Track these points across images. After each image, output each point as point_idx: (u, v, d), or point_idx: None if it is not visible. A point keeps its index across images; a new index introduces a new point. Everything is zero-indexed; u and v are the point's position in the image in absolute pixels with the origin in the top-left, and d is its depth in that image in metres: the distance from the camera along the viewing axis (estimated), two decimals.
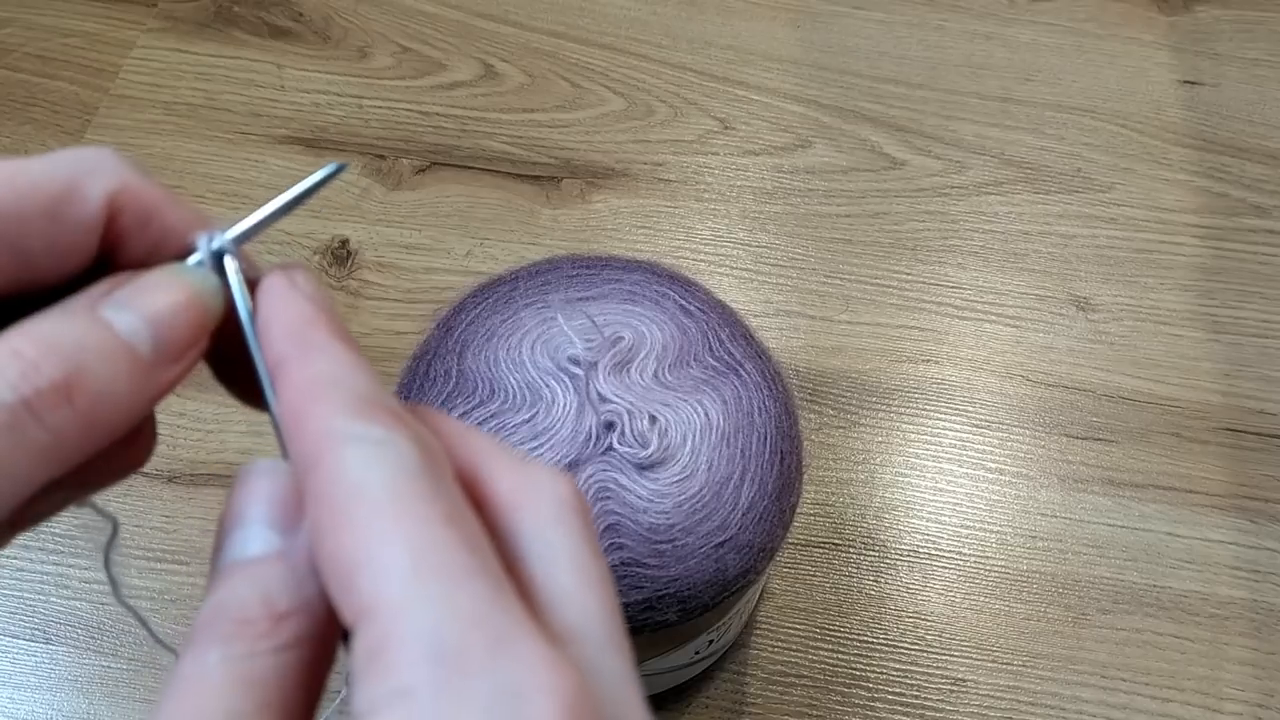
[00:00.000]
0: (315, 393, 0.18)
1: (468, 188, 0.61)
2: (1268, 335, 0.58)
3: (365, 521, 0.17)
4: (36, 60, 0.65)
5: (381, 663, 0.15)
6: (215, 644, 0.17)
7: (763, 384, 0.39)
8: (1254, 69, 0.68)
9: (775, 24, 0.69)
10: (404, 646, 0.15)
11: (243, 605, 0.17)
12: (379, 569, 0.16)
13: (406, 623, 0.16)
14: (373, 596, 0.16)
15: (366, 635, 0.16)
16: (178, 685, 0.17)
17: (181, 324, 0.19)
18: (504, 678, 0.15)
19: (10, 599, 0.48)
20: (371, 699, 0.15)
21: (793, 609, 0.49)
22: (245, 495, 0.19)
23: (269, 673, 0.17)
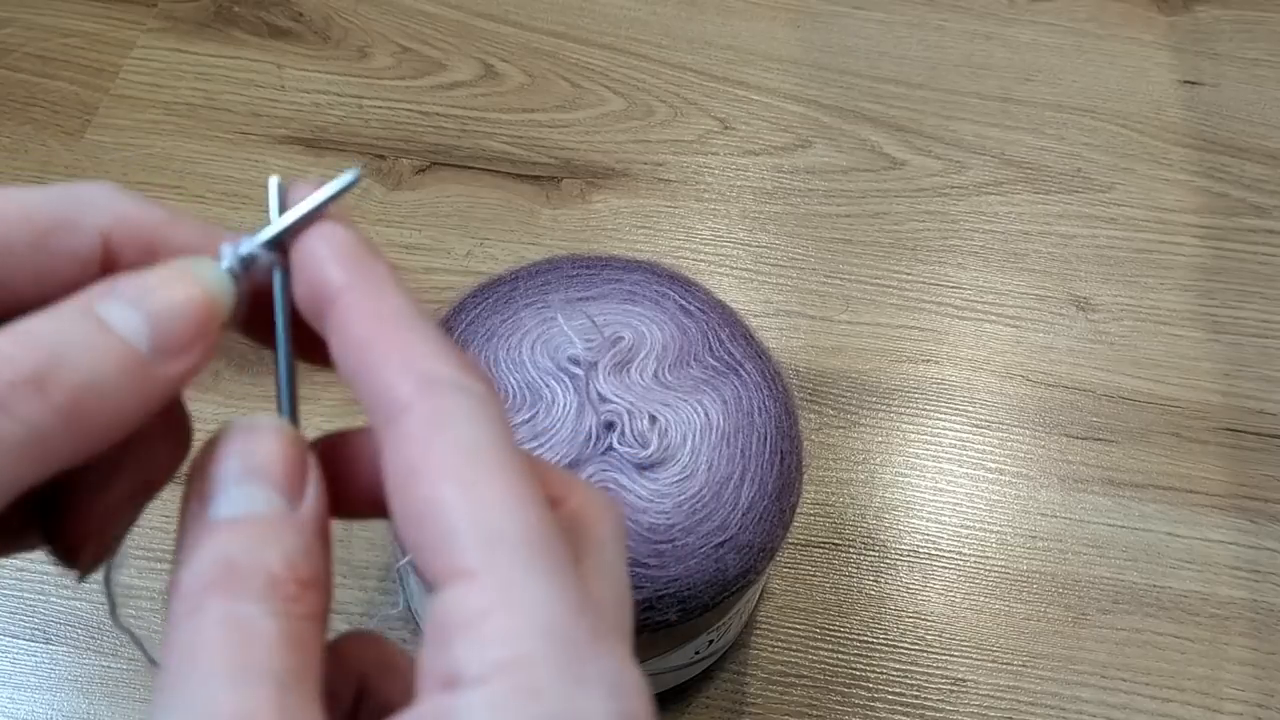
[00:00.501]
0: (399, 326, 0.18)
1: (468, 188, 0.61)
2: (1268, 335, 0.58)
3: (476, 479, 0.16)
4: (36, 60, 0.65)
5: (494, 628, 0.15)
6: (248, 597, 0.16)
7: (763, 384, 0.39)
8: (1254, 69, 0.68)
9: (775, 24, 0.69)
10: (521, 617, 0.15)
11: (264, 562, 0.17)
12: (490, 533, 0.16)
13: (523, 594, 0.16)
14: (477, 559, 0.16)
15: (469, 596, 0.16)
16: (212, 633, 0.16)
17: (185, 317, 0.18)
18: (608, 669, 0.16)
19: (10, 599, 0.48)
20: (480, 662, 0.15)
21: (793, 609, 0.49)
22: (247, 449, 0.18)
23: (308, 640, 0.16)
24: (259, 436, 0.18)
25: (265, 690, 0.15)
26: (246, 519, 0.17)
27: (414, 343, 0.17)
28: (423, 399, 0.17)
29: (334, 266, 0.18)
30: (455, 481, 0.16)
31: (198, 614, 0.16)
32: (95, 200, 0.19)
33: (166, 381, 0.18)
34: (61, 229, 0.18)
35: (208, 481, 0.18)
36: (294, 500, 0.18)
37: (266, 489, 0.18)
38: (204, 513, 0.18)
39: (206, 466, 0.18)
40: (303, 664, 0.16)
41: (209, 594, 0.16)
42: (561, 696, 0.15)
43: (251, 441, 0.18)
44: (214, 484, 0.18)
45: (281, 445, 0.18)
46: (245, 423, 0.19)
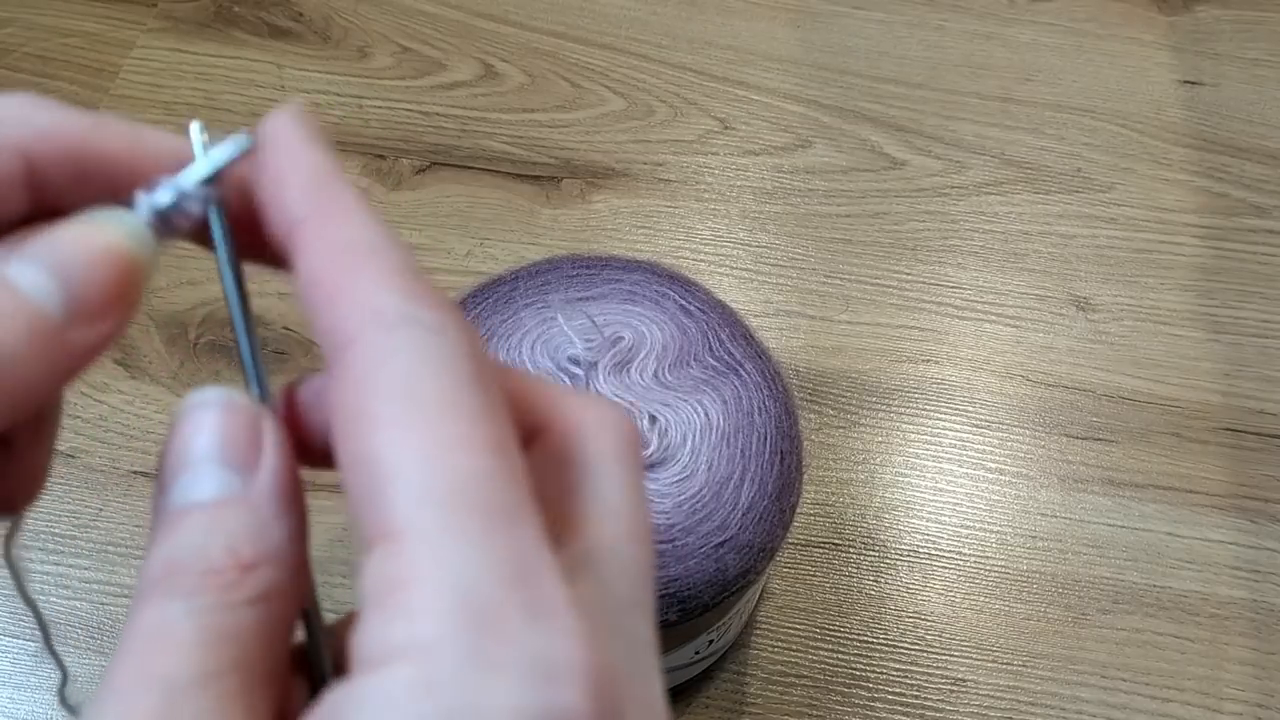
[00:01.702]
0: (354, 259, 0.16)
1: (468, 188, 0.61)
2: (1268, 335, 0.58)
3: (409, 426, 0.15)
4: (36, 60, 0.65)
5: (401, 600, 0.14)
6: (177, 597, 0.15)
7: (763, 384, 0.39)
8: (1254, 69, 0.68)
9: (775, 24, 0.69)
10: (432, 589, 0.14)
11: (205, 554, 0.15)
12: (415, 489, 0.14)
13: (439, 561, 0.14)
14: (404, 518, 0.14)
15: (388, 562, 0.14)
16: (136, 642, 0.15)
17: (100, 279, 0.17)
18: (537, 649, 0.14)
19: (10, 599, 0.48)
20: (385, 642, 0.14)
21: (793, 609, 0.49)
22: (193, 430, 0.17)
23: (240, 628, 0.15)
24: (203, 414, 0.17)
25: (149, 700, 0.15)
26: (194, 506, 0.16)
27: (367, 275, 0.16)
28: (364, 335, 0.15)
29: (294, 194, 0.17)
30: (386, 428, 0.15)
31: (132, 619, 0.15)
32: (11, 116, 0.18)
33: (83, 348, 0.16)
34: None
35: (165, 468, 0.17)
36: (247, 473, 0.16)
37: (214, 469, 0.16)
38: (162, 504, 0.17)
39: (165, 451, 0.17)
40: (225, 655, 0.15)
41: (148, 597, 0.15)
42: (459, 689, 0.13)
43: (196, 422, 0.17)
44: (166, 473, 0.17)
45: (228, 418, 0.17)
46: (190, 402, 0.17)
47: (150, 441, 0.52)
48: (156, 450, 0.56)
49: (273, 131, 0.18)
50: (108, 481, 0.51)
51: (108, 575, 0.49)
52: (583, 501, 0.17)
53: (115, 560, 0.49)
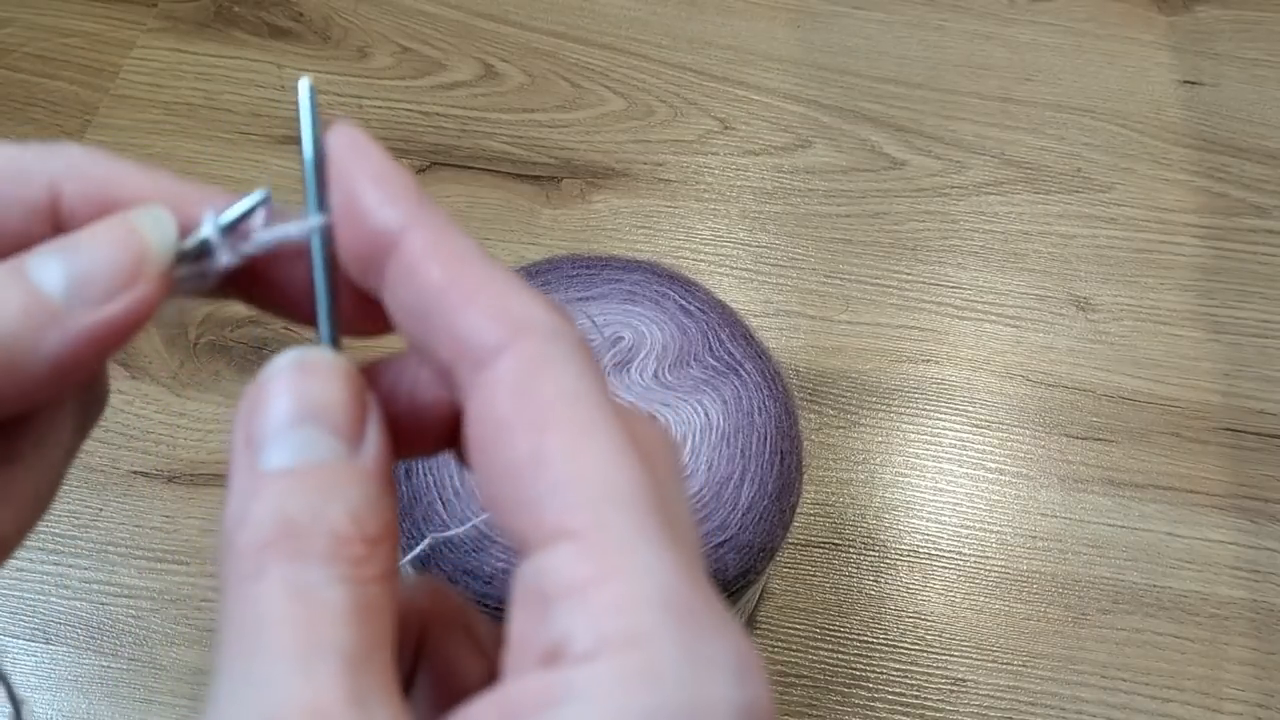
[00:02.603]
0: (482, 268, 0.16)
1: (468, 188, 0.61)
2: (1268, 335, 0.58)
3: (585, 431, 0.15)
4: (36, 60, 0.65)
5: (606, 598, 0.14)
6: (312, 561, 0.14)
7: (763, 384, 0.39)
8: (1254, 69, 0.68)
9: (775, 24, 0.69)
10: (637, 586, 0.14)
11: (328, 520, 0.15)
12: (602, 489, 0.14)
13: (637, 559, 0.14)
14: (592, 518, 0.14)
15: (578, 559, 0.14)
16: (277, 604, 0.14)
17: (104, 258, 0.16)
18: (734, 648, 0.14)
19: (10, 599, 0.48)
20: (592, 635, 0.14)
21: (793, 609, 0.49)
22: (302, 388, 0.16)
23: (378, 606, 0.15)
24: (315, 374, 0.16)
25: (333, 672, 0.14)
26: (305, 469, 0.15)
27: (499, 284, 0.16)
28: (517, 343, 0.15)
29: (390, 209, 0.16)
30: (559, 432, 0.15)
31: (258, 579, 0.14)
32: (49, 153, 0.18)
33: (84, 330, 0.16)
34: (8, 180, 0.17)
35: (259, 424, 0.16)
36: (355, 444, 0.16)
37: (325, 434, 0.16)
38: (255, 461, 0.16)
39: (257, 407, 0.16)
40: (374, 636, 0.14)
41: (268, 556, 0.15)
42: (684, 680, 0.13)
43: (306, 380, 0.16)
44: (266, 428, 0.16)
45: (340, 383, 0.16)
46: (297, 357, 0.16)
47: (150, 441, 0.52)
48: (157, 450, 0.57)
49: (351, 141, 0.17)
50: (108, 481, 0.51)
51: (108, 575, 0.49)
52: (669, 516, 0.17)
53: (115, 560, 0.49)
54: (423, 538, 0.37)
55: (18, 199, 0.17)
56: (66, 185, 0.18)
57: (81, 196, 0.18)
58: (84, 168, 0.18)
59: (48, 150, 0.18)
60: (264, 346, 0.54)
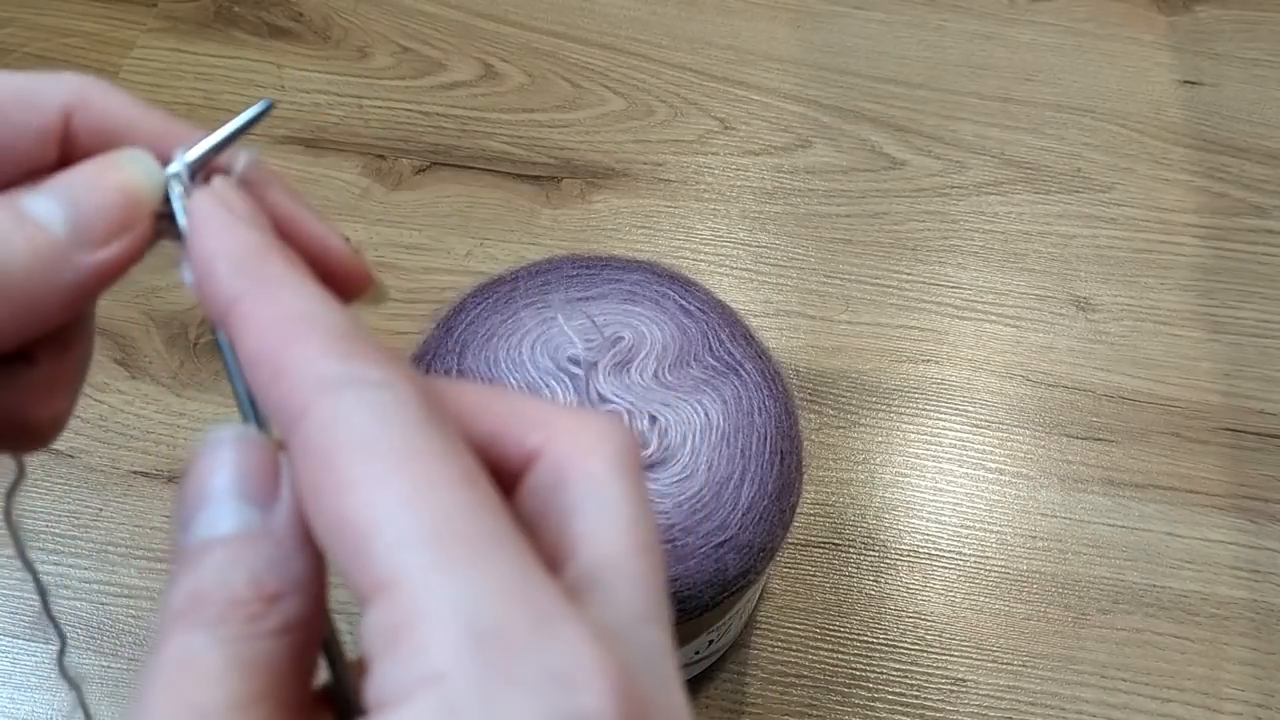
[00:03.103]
0: (289, 332, 0.16)
1: (468, 188, 0.61)
2: (1268, 335, 0.58)
3: (376, 480, 0.15)
4: (36, 60, 0.65)
5: (409, 643, 0.14)
6: (203, 627, 0.15)
7: (763, 384, 0.39)
8: (1254, 69, 0.68)
9: (775, 24, 0.69)
10: (435, 625, 0.14)
11: (228, 586, 0.16)
12: (397, 536, 0.14)
13: (436, 598, 0.14)
14: (392, 568, 0.14)
15: (386, 611, 0.14)
16: (164, 673, 0.15)
17: (103, 204, 0.18)
18: (551, 660, 0.14)
19: (10, 599, 0.48)
20: (399, 683, 0.14)
21: (793, 609, 0.49)
22: (211, 467, 0.17)
23: (267, 658, 0.15)
24: (221, 450, 0.17)
25: None
26: (215, 541, 0.16)
27: (305, 345, 0.16)
28: (313, 405, 0.15)
29: (227, 276, 0.17)
30: (354, 487, 0.15)
31: (158, 651, 0.16)
32: (59, 80, 0.19)
33: (86, 270, 0.18)
34: (19, 103, 0.18)
35: (181, 507, 0.17)
36: (267, 507, 0.17)
37: (234, 504, 0.17)
38: (180, 539, 0.17)
39: (181, 491, 0.17)
40: (255, 685, 0.15)
41: (172, 629, 0.16)
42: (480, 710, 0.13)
43: (214, 458, 0.17)
44: (186, 509, 0.17)
45: (246, 454, 0.17)
46: (208, 439, 0.18)
47: (150, 441, 0.52)
48: (157, 450, 0.56)
49: (197, 214, 0.18)
50: (108, 481, 0.51)
51: (108, 575, 0.49)
52: (580, 520, 0.17)
53: (115, 560, 0.49)
54: None
55: (32, 123, 0.18)
56: (77, 111, 0.19)
57: (86, 125, 0.19)
58: (91, 97, 0.19)
59: (57, 78, 0.19)
60: None
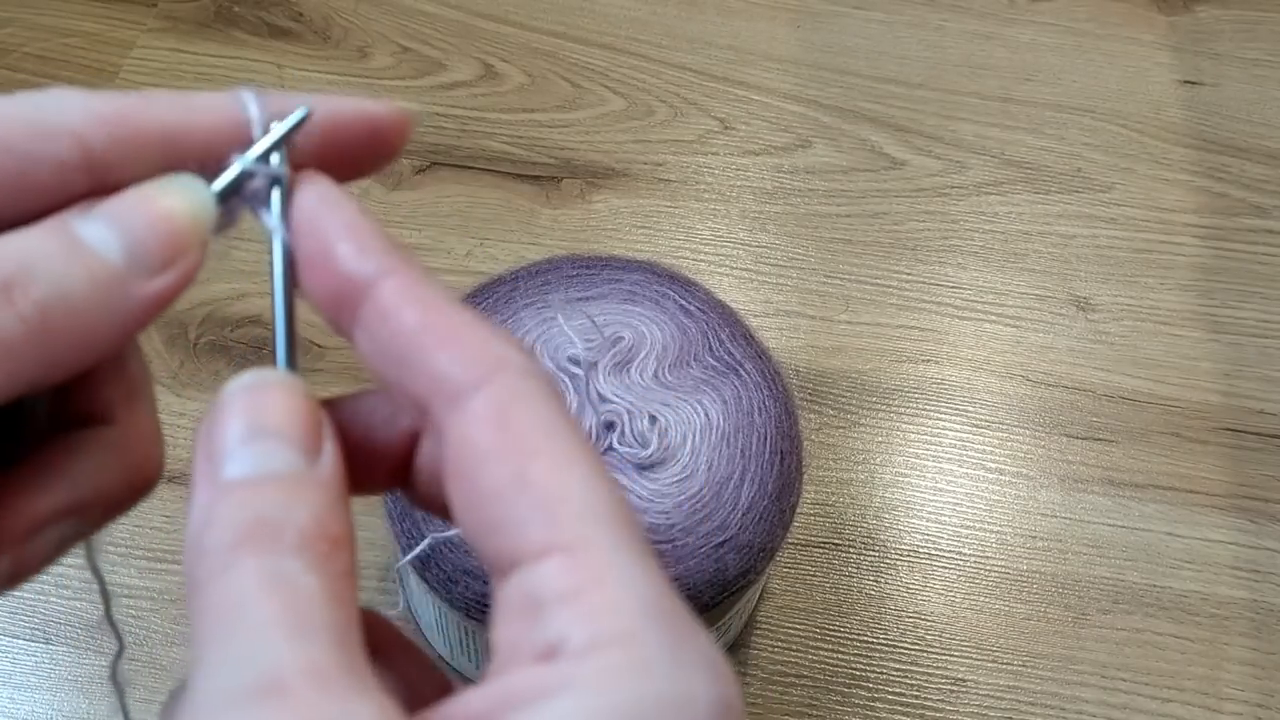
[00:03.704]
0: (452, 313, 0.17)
1: (468, 188, 0.61)
2: (1268, 335, 0.58)
3: (565, 456, 0.16)
4: (36, 60, 0.65)
5: (597, 602, 0.15)
6: (289, 553, 0.15)
7: (763, 384, 0.39)
8: (1254, 69, 0.68)
9: (775, 24, 0.69)
10: (623, 592, 0.15)
11: (297, 521, 0.16)
12: (585, 508, 0.16)
13: (620, 571, 0.15)
14: (579, 533, 0.16)
15: (563, 570, 0.15)
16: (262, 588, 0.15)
17: (160, 232, 0.18)
18: (708, 650, 0.15)
19: (10, 599, 0.48)
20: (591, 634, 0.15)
21: (793, 609, 0.49)
22: (259, 405, 0.17)
23: (347, 598, 0.16)
24: (270, 392, 0.17)
25: (326, 642, 0.15)
26: (267, 478, 0.16)
27: (472, 326, 0.17)
28: (494, 379, 0.17)
29: (363, 258, 0.18)
30: (540, 458, 0.16)
31: (231, 570, 0.15)
32: (63, 102, 0.18)
33: (144, 299, 0.17)
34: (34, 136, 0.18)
35: (218, 440, 0.17)
36: (312, 459, 0.17)
37: (283, 447, 0.17)
38: (216, 473, 0.16)
39: (216, 425, 0.17)
40: (348, 620, 0.15)
41: (241, 551, 0.15)
42: (670, 674, 0.15)
43: (263, 396, 0.17)
44: (226, 443, 0.17)
45: (295, 400, 0.17)
46: (254, 377, 0.18)
47: None
48: None
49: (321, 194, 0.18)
50: None
51: (107, 575, 0.49)
52: None
53: (115, 560, 0.49)
54: (423, 538, 0.37)
55: (44, 155, 0.18)
56: (91, 135, 0.18)
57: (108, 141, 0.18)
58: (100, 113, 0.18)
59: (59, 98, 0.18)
60: (264, 347, 0.54)
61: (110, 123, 0.18)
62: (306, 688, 0.14)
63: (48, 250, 0.17)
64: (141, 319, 0.17)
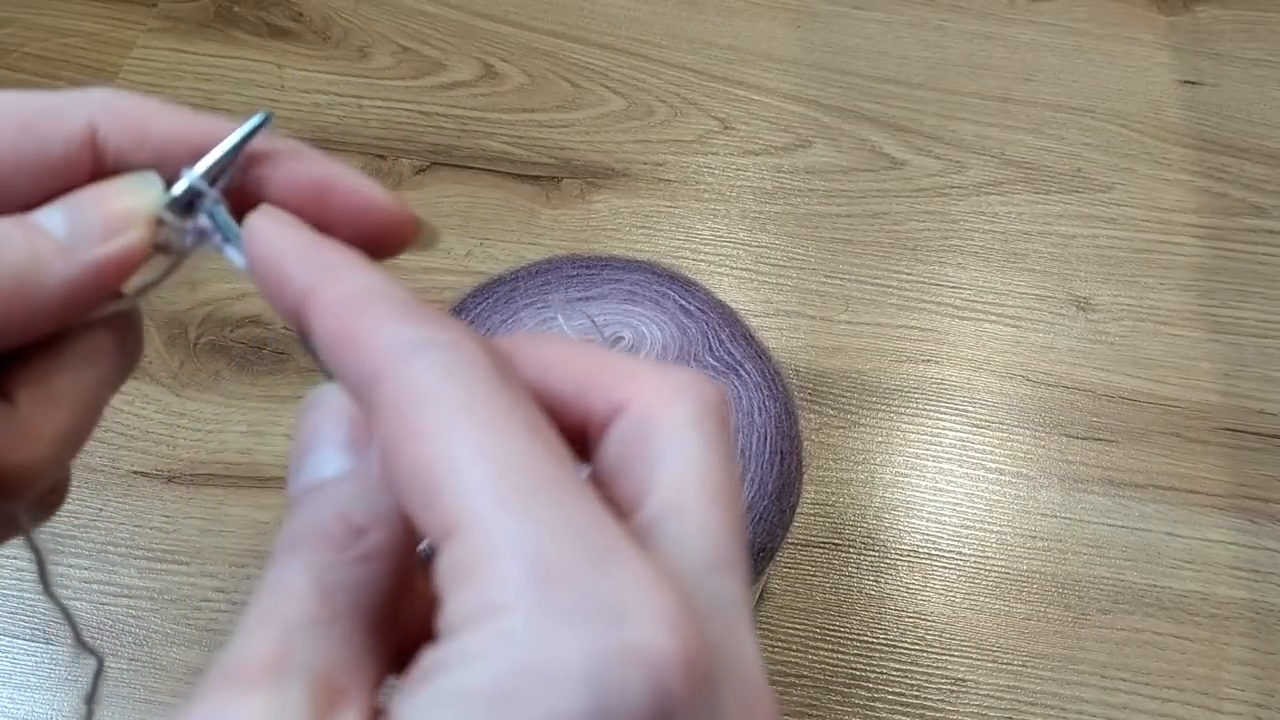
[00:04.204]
0: (359, 307, 0.18)
1: (468, 188, 0.61)
2: (1268, 335, 0.58)
3: (444, 432, 0.16)
4: (36, 60, 0.65)
5: (474, 579, 0.15)
6: (296, 556, 0.17)
7: (763, 384, 0.39)
8: (1254, 69, 0.68)
9: (775, 24, 0.69)
10: (499, 562, 0.15)
11: (320, 521, 0.18)
12: (464, 482, 0.16)
13: (501, 537, 0.15)
14: (460, 511, 0.16)
15: (455, 552, 0.15)
16: (261, 595, 0.17)
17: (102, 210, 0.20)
18: (605, 594, 0.15)
19: (10, 599, 0.48)
20: (464, 613, 0.15)
21: (793, 609, 0.49)
22: (314, 421, 0.19)
23: (348, 582, 0.17)
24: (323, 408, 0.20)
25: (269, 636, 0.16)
26: (313, 485, 0.19)
27: (378, 317, 0.17)
28: (387, 371, 0.17)
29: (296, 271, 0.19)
30: (426, 439, 0.16)
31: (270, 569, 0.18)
32: (84, 94, 0.20)
33: (86, 263, 0.19)
34: (47, 116, 0.20)
35: (292, 458, 0.19)
36: (359, 453, 0.19)
37: (333, 452, 0.19)
38: (291, 488, 0.19)
39: (293, 444, 0.20)
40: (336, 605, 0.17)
41: (272, 563, 0.18)
42: (536, 638, 0.14)
43: (317, 414, 0.20)
44: (295, 459, 0.19)
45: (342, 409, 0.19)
46: (312, 399, 0.20)
47: (150, 441, 0.52)
48: (156, 450, 0.56)
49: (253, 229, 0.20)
50: (108, 481, 0.51)
51: (107, 575, 0.49)
52: (656, 469, 0.18)
53: (115, 560, 0.49)
54: None
55: (57, 134, 0.20)
56: (102, 120, 0.20)
57: (116, 130, 0.20)
58: (116, 105, 0.20)
59: (82, 92, 0.20)
60: (264, 346, 0.54)
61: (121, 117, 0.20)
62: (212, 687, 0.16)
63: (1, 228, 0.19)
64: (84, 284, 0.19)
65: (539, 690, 0.14)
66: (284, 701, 0.16)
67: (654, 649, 0.14)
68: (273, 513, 0.50)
